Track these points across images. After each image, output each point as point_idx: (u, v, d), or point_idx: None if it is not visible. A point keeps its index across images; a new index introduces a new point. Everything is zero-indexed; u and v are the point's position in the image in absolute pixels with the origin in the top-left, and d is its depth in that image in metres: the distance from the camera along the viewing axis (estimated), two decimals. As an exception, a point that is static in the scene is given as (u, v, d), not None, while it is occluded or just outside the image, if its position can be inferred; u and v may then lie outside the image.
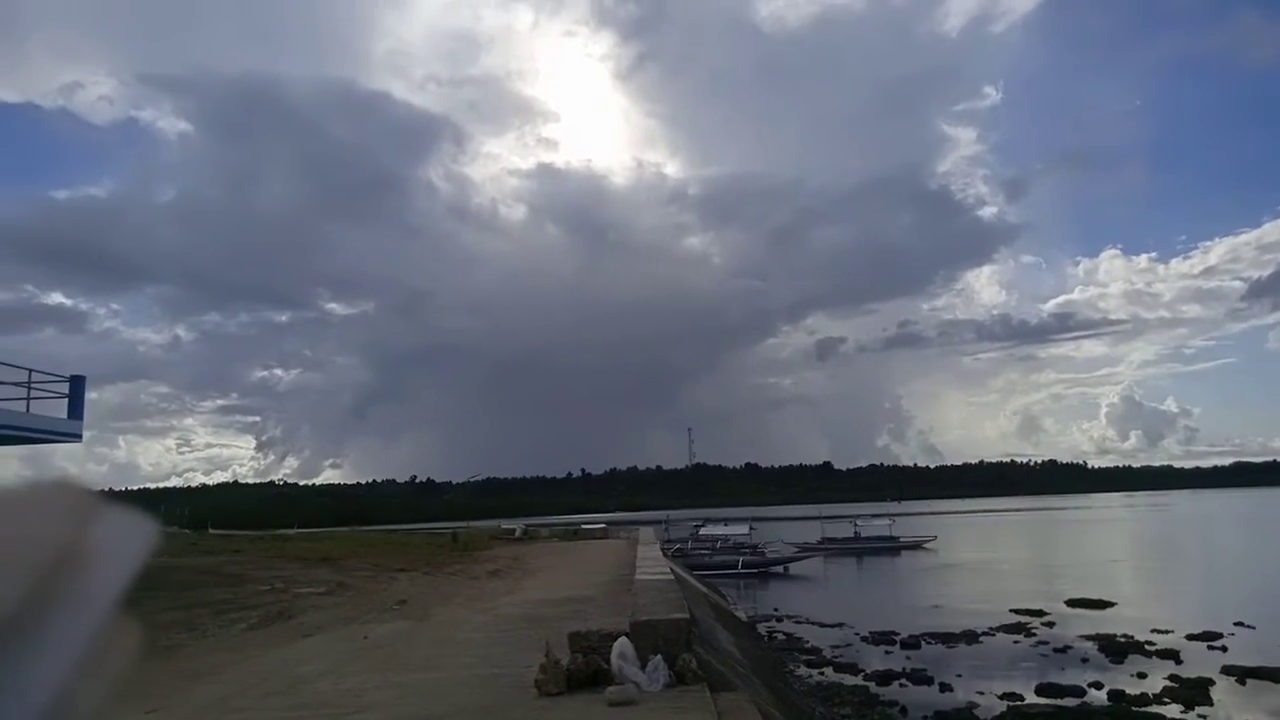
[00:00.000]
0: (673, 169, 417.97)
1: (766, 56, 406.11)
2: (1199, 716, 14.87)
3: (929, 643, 21.76)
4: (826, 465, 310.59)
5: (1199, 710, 15.06)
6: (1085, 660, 19.23)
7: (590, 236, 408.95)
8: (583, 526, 55.76)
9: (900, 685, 17.26)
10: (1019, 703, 15.60)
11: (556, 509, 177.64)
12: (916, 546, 54.60)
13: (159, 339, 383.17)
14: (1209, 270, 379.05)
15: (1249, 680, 16.82)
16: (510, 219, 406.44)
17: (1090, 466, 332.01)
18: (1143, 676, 17.30)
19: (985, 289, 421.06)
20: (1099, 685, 16.53)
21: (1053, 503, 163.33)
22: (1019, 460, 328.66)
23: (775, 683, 14.61)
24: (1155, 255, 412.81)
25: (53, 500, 0.52)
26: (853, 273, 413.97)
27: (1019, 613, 25.50)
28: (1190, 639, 20.84)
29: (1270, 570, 38.51)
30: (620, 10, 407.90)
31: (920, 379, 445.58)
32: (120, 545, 0.53)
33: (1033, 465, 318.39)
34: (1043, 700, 15.76)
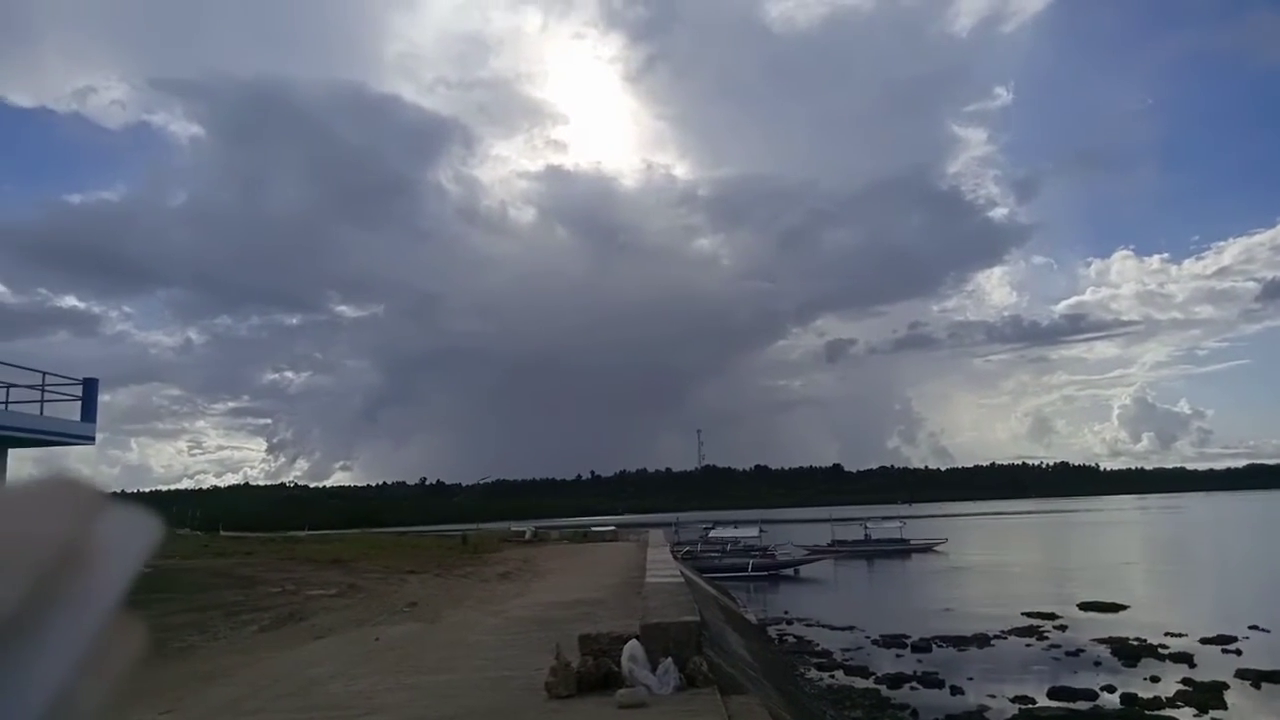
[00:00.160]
0: (682, 171, 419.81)
1: (776, 58, 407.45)
2: (1213, 720, 14.75)
3: (940, 646, 21.69)
4: (837, 467, 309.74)
5: (1213, 714, 14.94)
6: (1098, 663, 19.13)
7: (600, 238, 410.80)
8: (592, 529, 55.73)
9: (911, 688, 17.22)
10: (1030, 706, 15.54)
11: (566, 511, 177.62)
12: (927, 549, 54.48)
13: (171, 342, 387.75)
14: (1222, 271, 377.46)
15: (1264, 684, 16.69)
16: (520, 221, 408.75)
17: (1102, 469, 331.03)
18: (1156, 680, 17.17)
19: (996, 290, 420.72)
20: (1111, 689, 16.43)
21: (1064, 505, 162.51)
22: (1030, 462, 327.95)
23: (786, 686, 14.60)
24: (1168, 256, 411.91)
25: (54, 498, 0.51)
26: (863, 274, 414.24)
27: (1031, 616, 25.37)
28: (1204, 642, 20.69)
29: (1285, 573, 38.17)
30: (629, 12, 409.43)
31: (931, 381, 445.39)
32: (123, 543, 0.53)
33: (1044, 467, 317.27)
34: (1055, 704, 15.65)
